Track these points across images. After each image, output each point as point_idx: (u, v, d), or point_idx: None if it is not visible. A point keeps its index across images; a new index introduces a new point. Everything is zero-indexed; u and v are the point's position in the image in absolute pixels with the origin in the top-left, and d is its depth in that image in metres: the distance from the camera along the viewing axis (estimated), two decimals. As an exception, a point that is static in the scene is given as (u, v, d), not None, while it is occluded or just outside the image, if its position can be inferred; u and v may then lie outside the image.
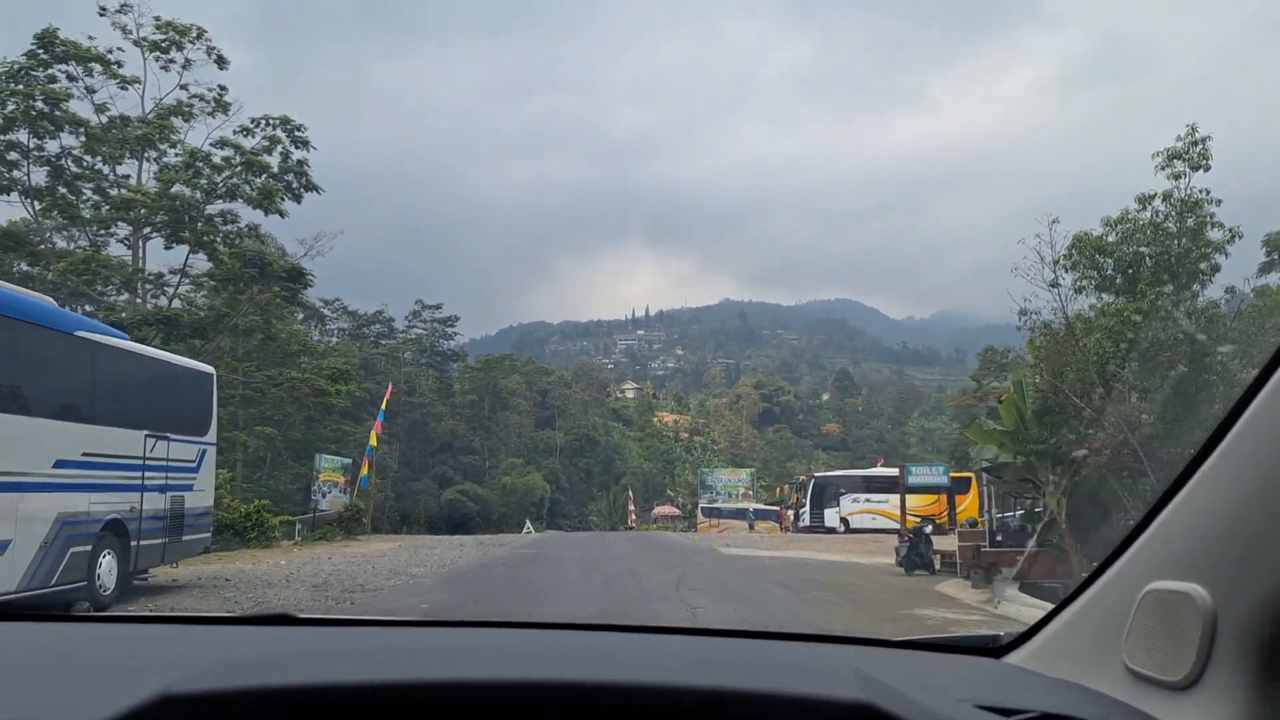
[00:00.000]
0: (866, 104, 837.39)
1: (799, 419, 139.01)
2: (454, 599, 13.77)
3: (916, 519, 45.75)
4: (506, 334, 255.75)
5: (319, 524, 36.30)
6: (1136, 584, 1.31)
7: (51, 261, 30.82)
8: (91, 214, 32.81)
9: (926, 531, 20.41)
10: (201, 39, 34.07)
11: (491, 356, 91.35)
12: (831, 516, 45.21)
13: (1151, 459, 13.45)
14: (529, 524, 59.18)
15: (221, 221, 34.14)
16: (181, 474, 14.11)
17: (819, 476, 49.37)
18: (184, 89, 34.47)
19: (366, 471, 39.33)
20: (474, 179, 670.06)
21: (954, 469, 48.30)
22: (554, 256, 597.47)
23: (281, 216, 33.59)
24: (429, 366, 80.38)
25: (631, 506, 73.20)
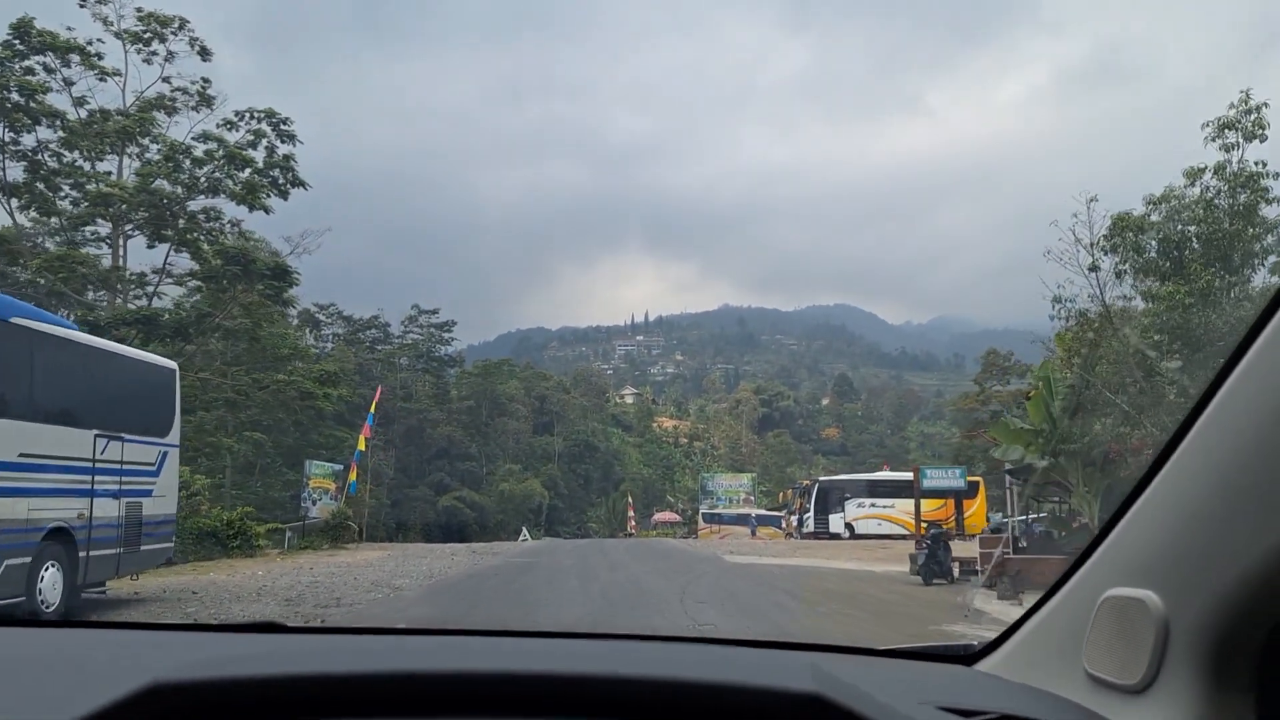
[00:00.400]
0: (864, 110, 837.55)
1: (799, 424, 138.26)
2: (436, 614, 12.56)
3: (924, 523, 44.95)
4: (505, 340, 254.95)
5: (309, 532, 35.12)
6: (1096, 591, 1.35)
7: (28, 259, 29.65)
8: (70, 210, 31.64)
9: (945, 538, 19.14)
10: (184, 30, 32.92)
11: (489, 362, 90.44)
12: (836, 522, 44.06)
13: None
14: (525, 531, 57.96)
15: (205, 218, 32.95)
16: (138, 478, 12.88)
17: (823, 481, 48.16)
18: (166, 81, 33.34)
19: (355, 477, 38.01)
20: (472, 184, 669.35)
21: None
22: (553, 262, 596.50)
23: (266, 213, 32.36)
24: (425, 372, 79.42)
25: (631, 513, 72.09)
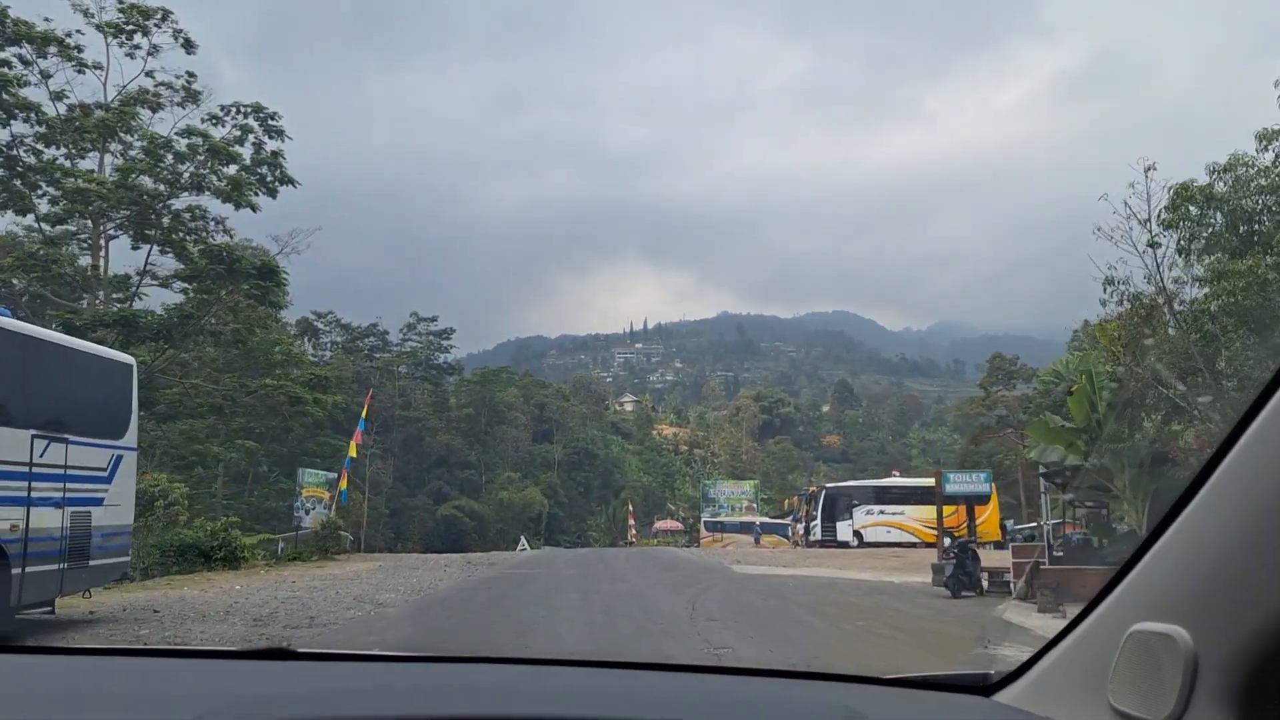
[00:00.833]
0: (862, 117, 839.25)
1: (799, 431, 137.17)
2: (417, 635, 11.20)
3: (934, 531, 43.51)
4: (504, 348, 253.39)
5: (303, 542, 33.78)
6: (1122, 625, 1.34)
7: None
8: (48, 208, 30.35)
9: (972, 547, 17.78)
10: (167, 21, 31.66)
11: (488, 370, 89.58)
12: (844, 530, 42.64)
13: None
14: (524, 540, 56.54)
15: (190, 217, 31.65)
16: (87, 485, 11.55)
17: (830, 488, 46.69)
18: (150, 76, 32.09)
19: (346, 485, 36.60)
20: (471, 193, 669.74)
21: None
22: (551, 271, 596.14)
23: (254, 210, 31.02)
24: (424, 380, 78.56)
25: (631, 521, 70.79)
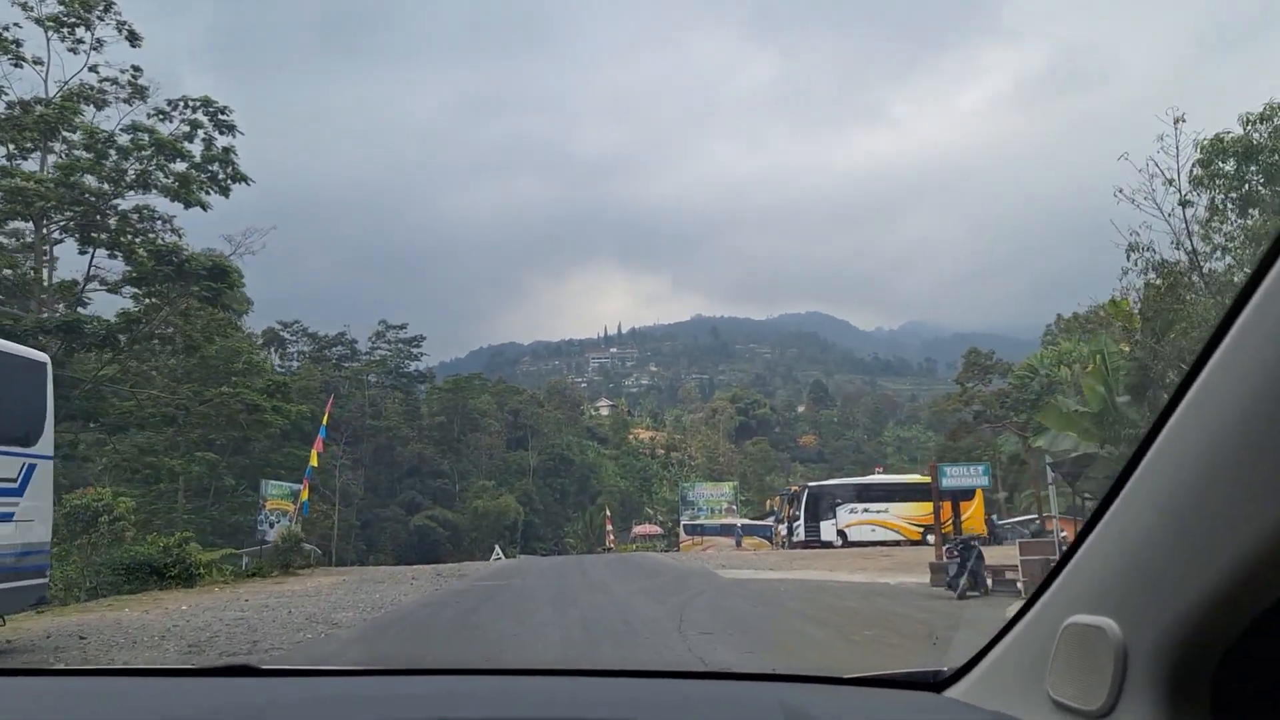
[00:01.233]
0: (831, 120, 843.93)
1: (776, 432, 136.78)
2: (369, 659, 9.91)
3: (919, 528, 42.56)
4: (477, 356, 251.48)
5: (267, 556, 32.25)
6: (1059, 617, 1.37)
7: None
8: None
9: (976, 544, 16.67)
10: (110, 13, 30.07)
11: (460, 377, 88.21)
12: (828, 529, 41.57)
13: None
14: (498, 549, 55.05)
15: (138, 218, 30.03)
16: (-11, 498, 10.17)
17: (813, 486, 45.57)
18: (94, 71, 30.48)
19: (307, 496, 35.02)
20: (441, 200, 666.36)
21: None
22: (524, 277, 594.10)
23: (204, 209, 29.47)
24: (395, 389, 77.08)
25: (609, 527, 69.56)
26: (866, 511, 41.87)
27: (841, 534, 41.33)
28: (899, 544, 39.75)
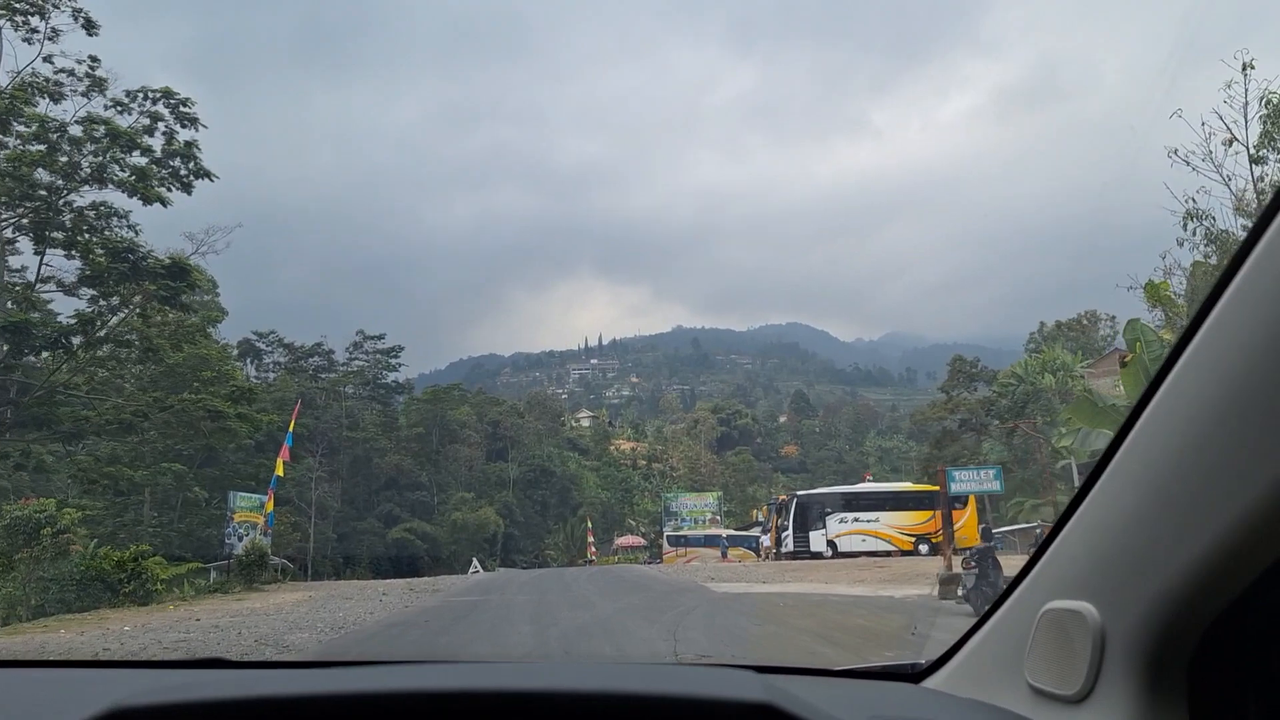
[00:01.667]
0: (811, 131, 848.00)
1: (757, 442, 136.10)
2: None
3: (911, 538, 41.44)
4: (457, 367, 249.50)
5: (234, 569, 30.70)
6: (1036, 604, 1.36)
7: None
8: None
9: (994, 554, 15.45)
10: (66, 1, 28.58)
11: (438, 387, 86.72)
12: (817, 540, 40.39)
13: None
14: (476, 563, 53.54)
15: (94, 215, 28.51)
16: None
17: (801, 496, 44.35)
18: (49, 61, 28.97)
19: (272, 508, 33.43)
20: (420, 212, 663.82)
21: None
22: (504, 288, 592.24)
23: (164, 205, 28.00)
24: (372, 400, 75.67)
25: (591, 538, 68.24)
26: (857, 521, 40.76)
27: (831, 544, 40.18)
28: (890, 554, 38.65)
